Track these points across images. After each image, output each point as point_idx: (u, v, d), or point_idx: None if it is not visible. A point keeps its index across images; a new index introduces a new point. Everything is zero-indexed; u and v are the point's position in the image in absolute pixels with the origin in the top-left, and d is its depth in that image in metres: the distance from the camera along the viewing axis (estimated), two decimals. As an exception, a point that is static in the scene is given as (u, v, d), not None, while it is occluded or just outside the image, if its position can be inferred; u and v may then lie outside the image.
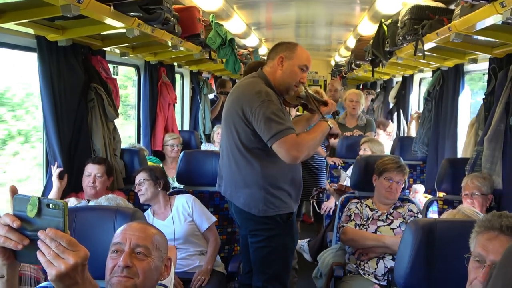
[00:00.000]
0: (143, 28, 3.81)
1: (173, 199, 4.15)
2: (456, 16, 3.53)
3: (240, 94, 3.44)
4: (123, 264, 2.03)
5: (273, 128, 3.21)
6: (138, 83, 6.00)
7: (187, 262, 3.99)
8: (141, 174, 4.07)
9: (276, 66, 3.46)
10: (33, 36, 3.69)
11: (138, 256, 2.08)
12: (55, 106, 3.83)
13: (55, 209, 1.56)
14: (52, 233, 1.56)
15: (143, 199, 4.06)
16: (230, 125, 3.43)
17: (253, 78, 3.51)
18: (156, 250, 2.14)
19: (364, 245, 3.87)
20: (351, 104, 6.72)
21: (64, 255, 1.57)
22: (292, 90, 3.53)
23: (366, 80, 11.74)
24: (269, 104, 3.25)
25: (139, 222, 2.23)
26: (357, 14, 7.06)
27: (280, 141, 3.21)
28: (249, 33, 8.40)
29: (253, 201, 3.40)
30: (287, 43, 3.56)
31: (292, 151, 3.22)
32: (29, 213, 1.56)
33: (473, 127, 4.48)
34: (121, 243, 2.09)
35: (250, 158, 3.37)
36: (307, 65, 3.49)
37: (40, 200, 1.56)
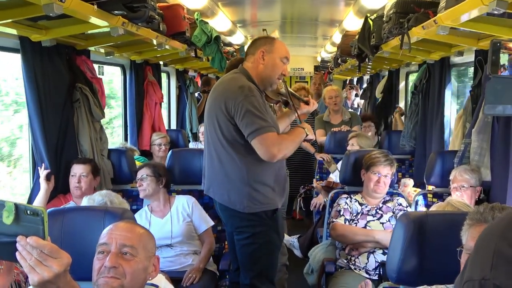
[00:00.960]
0: (128, 26, 3.77)
1: (173, 198, 4.16)
2: (442, 8, 3.53)
3: (222, 90, 3.43)
4: (109, 265, 2.00)
5: (255, 123, 3.21)
6: (124, 83, 5.96)
7: (180, 261, 3.98)
8: (144, 170, 4.07)
9: (257, 60, 3.47)
10: (16, 37, 3.65)
11: (125, 256, 2.05)
12: (40, 107, 3.79)
13: (33, 216, 1.53)
14: (33, 241, 1.54)
15: (143, 194, 4.06)
16: (214, 121, 3.41)
17: (235, 74, 3.50)
18: (143, 249, 2.11)
19: (354, 240, 3.87)
20: (331, 101, 6.74)
21: (47, 262, 1.55)
22: (275, 83, 3.54)
23: (353, 75, 11.77)
24: (252, 99, 3.25)
25: (126, 222, 2.21)
26: (342, 10, 7.08)
27: (261, 137, 3.21)
28: (235, 30, 8.39)
29: (238, 197, 3.38)
30: (265, 37, 3.61)
31: (273, 148, 3.23)
32: (5, 220, 1.53)
33: (461, 119, 4.49)
34: (107, 243, 2.07)
35: (233, 154, 3.36)
36: (287, 57, 3.52)
37: (17, 206, 1.53)
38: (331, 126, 6.56)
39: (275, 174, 3.47)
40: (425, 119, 5.66)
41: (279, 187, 3.52)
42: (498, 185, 3.79)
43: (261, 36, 3.65)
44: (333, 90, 6.86)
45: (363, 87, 10.65)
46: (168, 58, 6.61)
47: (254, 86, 3.37)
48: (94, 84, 4.44)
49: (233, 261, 3.77)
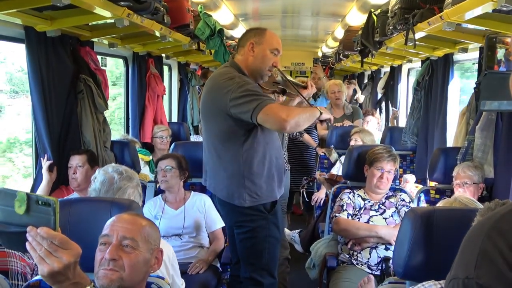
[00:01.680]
0: (133, 18, 3.76)
1: (189, 193, 4.19)
2: (448, 4, 3.52)
3: (214, 84, 3.42)
4: (108, 257, 2.00)
5: (253, 102, 3.14)
6: (126, 75, 5.95)
7: (186, 252, 4.00)
8: (170, 161, 4.09)
9: (247, 52, 3.44)
10: (21, 27, 3.64)
11: (125, 248, 2.04)
12: (44, 98, 3.78)
13: (45, 206, 1.53)
14: (44, 232, 1.53)
15: (165, 186, 4.08)
16: (208, 116, 3.41)
17: (225, 68, 3.49)
18: (145, 242, 2.10)
19: (357, 235, 3.87)
20: (334, 95, 6.76)
21: (57, 253, 1.55)
22: (266, 75, 3.50)
23: (354, 71, 11.75)
24: (244, 84, 3.22)
25: (129, 214, 2.20)
26: (345, 4, 7.05)
27: (264, 109, 3.12)
28: (237, 24, 8.37)
29: (236, 192, 3.37)
30: (255, 29, 3.56)
31: (281, 113, 3.13)
32: (18, 210, 1.53)
33: (464, 116, 4.48)
34: (109, 235, 2.06)
35: (230, 147, 3.35)
36: (278, 49, 3.47)
37: (29, 196, 1.53)
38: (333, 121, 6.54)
39: (273, 165, 3.44)
40: (427, 115, 5.65)
41: (277, 178, 3.50)
42: (501, 182, 3.79)
43: (252, 27, 3.61)
44: (335, 85, 6.86)
45: (363, 83, 10.63)
46: (171, 50, 6.59)
47: (245, 77, 3.36)
48: (98, 75, 4.43)
49: (233, 255, 3.77)
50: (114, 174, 3.11)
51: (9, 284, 2.37)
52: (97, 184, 3.10)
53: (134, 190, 3.13)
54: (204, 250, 4.05)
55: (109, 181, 3.08)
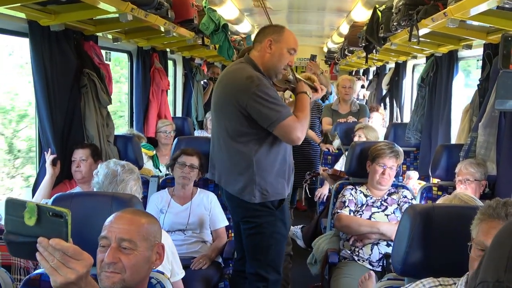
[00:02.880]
0: (137, 12, 3.77)
1: (196, 190, 4.20)
2: (452, 1, 3.51)
3: (230, 81, 3.41)
4: (108, 261, 2.00)
5: (273, 112, 3.22)
6: (131, 69, 5.95)
7: (188, 246, 4.03)
8: (196, 159, 4.14)
9: (264, 49, 3.43)
10: (25, 21, 3.64)
11: (124, 250, 2.03)
12: (47, 92, 3.79)
13: (57, 218, 1.51)
14: (56, 243, 1.53)
15: (183, 181, 4.10)
16: (221, 113, 3.41)
17: (241, 64, 3.48)
18: (144, 240, 2.09)
19: (358, 232, 3.87)
20: (344, 90, 6.72)
21: (70, 264, 1.55)
22: (281, 73, 3.51)
23: (359, 66, 11.73)
24: (263, 89, 3.24)
25: (127, 212, 2.17)
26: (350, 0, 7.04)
27: (282, 124, 3.23)
28: (242, 19, 8.37)
29: (246, 188, 3.38)
30: (274, 26, 3.55)
31: (296, 132, 3.27)
32: (28, 221, 1.50)
33: (468, 113, 4.48)
34: (107, 237, 2.05)
35: (241, 145, 3.35)
36: (294, 48, 3.48)
37: (39, 208, 1.50)
38: (339, 116, 6.55)
39: (283, 163, 3.47)
40: (431, 112, 5.64)
41: (287, 176, 3.52)
42: (504, 179, 3.78)
43: (270, 24, 3.61)
44: (347, 80, 6.84)
45: (369, 79, 10.62)
46: (175, 45, 6.59)
47: (261, 75, 3.36)
48: (102, 70, 4.43)
49: (238, 250, 3.78)
50: (117, 167, 3.16)
51: (10, 278, 2.38)
52: (100, 177, 3.14)
53: (135, 182, 3.18)
54: (207, 245, 4.06)
55: (112, 173, 3.12)
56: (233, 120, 3.33)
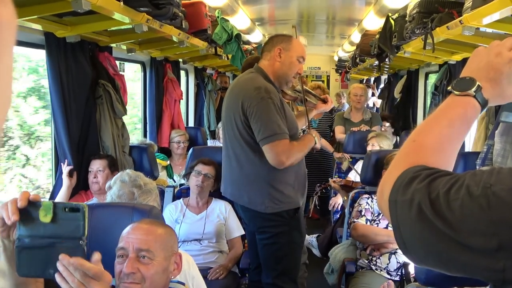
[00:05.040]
0: (152, 23, 3.78)
1: (211, 199, 4.21)
2: (467, 9, 3.50)
3: (239, 91, 3.42)
4: (127, 272, 2.01)
5: (268, 129, 3.21)
6: (144, 80, 5.97)
7: (205, 256, 4.02)
8: (211, 169, 4.15)
9: (274, 58, 3.46)
10: (41, 33, 3.66)
11: (143, 260, 2.05)
12: (64, 103, 3.80)
13: (73, 212, 1.51)
14: (78, 263, 1.52)
15: (198, 190, 4.11)
16: (231, 122, 3.41)
17: (252, 74, 3.50)
18: (162, 250, 2.10)
19: (375, 241, 3.85)
20: (356, 98, 6.74)
21: (91, 285, 1.54)
22: (290, 82, 3.55)
23: (370, 75, 11.72)
24: (268, 102, 3.24)
25: (144, 222, 2.18)
26: (361, 9, 7.06)
27: (273, 143, 3.22)
28: (253, 28, 8.40)
29: (258, 198, 3.38)
30: (282, 35, 3.59)
31: (282, 156, 3.23)
32: (43, 218, 1.50)
33: (484, 120, 4.46)
34: (125, 248, 2.07)
35: (252, 154, 3.35)
36: (303, 56, 3.52)
37: (55, 205, 1.50)
38: (351, 124, 6.55)
39: (296, 172, 3.46)
40: (445, 120, 5.61)
41: (300, 185, 3.52)
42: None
43: (278, 33, 3.64)
44: (359, 88, 6.86)
45: (380, 87, 10.60)
46: (188, 55, 6.61)
47: (272, 87, 3.36)
48: (117, 80, 4.45)
49: (253, 260, 3.78)
50: (133, 190, 3.03)
51: None
52: (114, 197, 3.04)
53: (153, 203, 3.07)
54: (223, 255, 4.05)
55: (128, 196, 3.01)
56: (242, 129, 3.34)
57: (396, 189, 1.10)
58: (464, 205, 0.97)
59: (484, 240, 0.94)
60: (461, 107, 1.23)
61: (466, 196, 0.97)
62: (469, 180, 1.00)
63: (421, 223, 1.02)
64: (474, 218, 0.95)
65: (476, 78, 1.24)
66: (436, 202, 1.00)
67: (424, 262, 1.09)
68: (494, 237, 0.93)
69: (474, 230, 0.95)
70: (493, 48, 1.28)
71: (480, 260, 0.95)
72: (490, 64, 1.25)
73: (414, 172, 1.10)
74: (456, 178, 1.03)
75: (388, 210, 1.11)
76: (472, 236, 0.95)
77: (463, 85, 1.25)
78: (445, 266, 1.03)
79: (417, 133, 1.25)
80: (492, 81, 1.24)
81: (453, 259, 0.99)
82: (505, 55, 1.24)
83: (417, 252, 1.07)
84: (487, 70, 1.25)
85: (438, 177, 1.05)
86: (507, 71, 1.24)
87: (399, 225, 1.08)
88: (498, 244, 0.92)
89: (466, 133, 1.25)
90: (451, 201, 0.99)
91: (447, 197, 1.00)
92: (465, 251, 0.97)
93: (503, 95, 1.26)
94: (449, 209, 0.98)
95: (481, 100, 1.23)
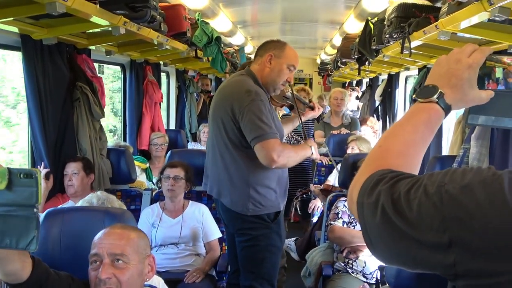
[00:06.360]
0: (129, 26, 3.77)
1: (187, 202, 4.18)
2: (443, 14, 3.54)
3: (229, 92, 3.42)
4: (103, 277, 2.01)
5: (259, 129, 3.21)
6: (124, 82, 5.95)
7: (181, 260, 4.00)
8: (179, 171, 4.10)
9: (264, 63, 3.45)
10: (17, 35, 3.64)
11: (118, 265, 2.05)
12: (40, 106, 3.78)
13: (28, 178, 1.45)
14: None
15: (170, 194, 4.08)
16: (218, 123, 3.40)
17: (242, 76, 3.49)
18: (136, 254, 2.11)
19: (351, 243, 3.86)
20: (336, 102, 6.80)
21: None
22: (279, 89, 3.53)
23: (352, 78, 11.77)
24: (259, 104, 3.24)
25: (115, 228, 2.18)
26: (343, 12, 7.09)
27: (264, 142, 3.21)
28: (235, 31, 8.40)
29: (241, 200, 3.38)
30: (276, 41, 3.56)
31: (273, 153, 3.20)
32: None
33: (460, 124, 4.49)
34: (98, 254, 2.06)
35: (237, 156, 3.35)
36: (294, 65, 3.50)
37: (10, 171, 1.45)
38: (331, 128, 6.59)
39: (278, 177, 3.47)
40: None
41: (282, 190, 3.52)
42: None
43: (273, 39, 3.63)
44: (340, 92, 6.94)
45: (361, 90, 10.66)
46: (168, 58, 6.60)
47: (261, 90, 3.37)
48: (95, 83, 4.43)
49: (232, 263, 3.77)
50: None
51: None
52: None
53: None
54: (200, 258, 4.04)
55: None
56: (229, 131, 3.34)
57: (363, 192, 1.15)
58: (421, 203, 1.02)
59: (437, 236, 0.99)
60: (425, 113, 1.30)
61: (422, 195, 1.03)
62: (427, 180, 1.06)
63: (384, 223, 1.07)
64: (429, 215, 1.01)
65: (438, 85, 1.31)
66: (398, 202, 1.06)
67: (389, 261, 1.14)
68: (446, 233, 0.98)
69: (429, 227, 1.00)
70: (453, 55, 1.34)
71: (435, 256, 1.01)
72: (451, 71, 1.31)
73: (379, 175, 1.15)
74: (416, 179, 1.08)
75: (357, 212, 1.16)
76: (428, 232, 1.01)
77: (426, 92, 1.31)
78: (406, 264, 1.10)
79: (384, 139, 1.33)
80: (454, 87, 1.30)
81: (413, 257, 1.05)
82: (464, 62, 1.30)
83: (383, 252, 1.12)
84: (448, 77, 1.31)
85: (401, 179, 1.11)
86: (467, 77, 1.30)
87: (366, 226, 1.13)
88: (449, 239, 0.98)
89: (430, 138, 1.31)
90: (410, 200, 1.04)
91: (407, 197, 1.05)
92: (423, 248, 1.02)
93: (465, 99, 1.33)
94: (408, 208, 1.04)
95: (444, 106, 1.30)
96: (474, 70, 1.31)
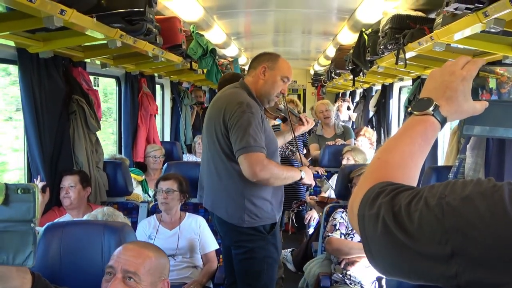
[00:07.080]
0: (125, 39, 3.78)
1: (184, 214, 4.18)
2: (438, 25, 3.56)
3: (222, 104, 3.41)
4: None
5: (244, 141, 3.19)
6: (119, 94, 5.95)
7: (179, 272, 3.99)
8: (172, 183, 4.08)
9: (258, 75, 3.46)
10: (14, 49, 3.65)
11: (128, 282, 2.05)
12: (37, 119, 3.78)
13: (25, 193, 1.42)
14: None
15: (164, 207, 4.07)
16: (212, 134, 3.41)
17: (235, 89, 3.50)
18: (149, 275, 2.10)
19: (349, 255, 3.86)
20: (322, 114, 6.86)
21: None
22: (273, 100, 3.54)
23: (346, 88, 11.81)
24: (249, 117, 3.23)
25: (136, 244, 2.19)
26: (336, 24, 7.11)
27: (247, 154, 3.19)
28: (229, 43, 8.43)
29: (236, 212, 3.37)
30: (269, 53, 3.58)
31: (256, 167, 3.19)
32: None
33: (455, 135, 4.50)
34: (113, 267, 2.07)
35: (232, 168, 3.34)
36: (288, 77, 3.51)
37: (7, 186, 1.42)
38: (325, 140, 6.61)
39: (273, 188, 3.46)
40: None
41: (277, 201, 3.52)
42: (493, 200, 3.78)
43: (266, 51, 3.64)
44: (322, 104, 6.96)
45: (355, 101, 10.68)
46: (163, 70, 6.60)
47: (254, 103, 3.37)
48: (90, 95, 4.43)
49: (229, 275, 3.76)
50: None
51: None
52: None
53: None
54: (198, 270, 4.03)
55: None
56: (222, 143, 3.34)
57: (364, 204, 1.16)
58: (422, 215, 1.03)
59: (439, 247, 1.00)
60: (421, 125, 1.32)
61: (424, 207, 1.04)
62: (427, 192, 1.06)
63: (386, 236, 1.08)
64: (431, 227, 1.02)
65: (433, 98, 1.33)
66: (399, 215, 1.07)
67: (391, 273, 1.14)
68: (448, 244, 0.99)
69: (431, 239, 1.01)
70: (446, 68, 1.36)
71: (437, 268, 1.01)
72: (445, 83, 1.34)
73: (379, 188, 1.16)
74: (417, 191, 1.09)
75: (358, 225, 1.17)
76: (429, 244, 1.01)
77: (421, 105, 1.34)
78: (408, 276, 1.09)
79: (382, 151, 1.34)
80: (449, 99, 1.33)
81: (414, 269, 1.05)
82: (458, 74, 1.33)
83: (384, 264, 1.13)
84: (443, 89, 1.34)
85: (401, 192, 1.12)
86: (461, 88, 1.33)
87: (367, 238, 1.13)
88: (451, 250, 0.98)
89: (427, 149, 1.34)
90: (411, 213, 1.05)
91: (408, 209, 1.06)
92: (424, 260, 1.03)
93: (460, 111, 1.35)
94: (409, 220, 1.05)
95: (439, 118, 1.33)
96: (468, 81, 1.33)
